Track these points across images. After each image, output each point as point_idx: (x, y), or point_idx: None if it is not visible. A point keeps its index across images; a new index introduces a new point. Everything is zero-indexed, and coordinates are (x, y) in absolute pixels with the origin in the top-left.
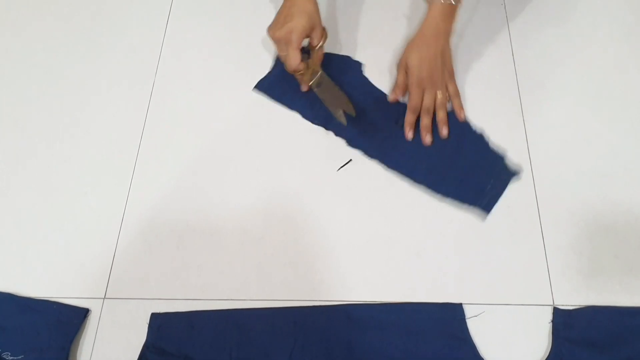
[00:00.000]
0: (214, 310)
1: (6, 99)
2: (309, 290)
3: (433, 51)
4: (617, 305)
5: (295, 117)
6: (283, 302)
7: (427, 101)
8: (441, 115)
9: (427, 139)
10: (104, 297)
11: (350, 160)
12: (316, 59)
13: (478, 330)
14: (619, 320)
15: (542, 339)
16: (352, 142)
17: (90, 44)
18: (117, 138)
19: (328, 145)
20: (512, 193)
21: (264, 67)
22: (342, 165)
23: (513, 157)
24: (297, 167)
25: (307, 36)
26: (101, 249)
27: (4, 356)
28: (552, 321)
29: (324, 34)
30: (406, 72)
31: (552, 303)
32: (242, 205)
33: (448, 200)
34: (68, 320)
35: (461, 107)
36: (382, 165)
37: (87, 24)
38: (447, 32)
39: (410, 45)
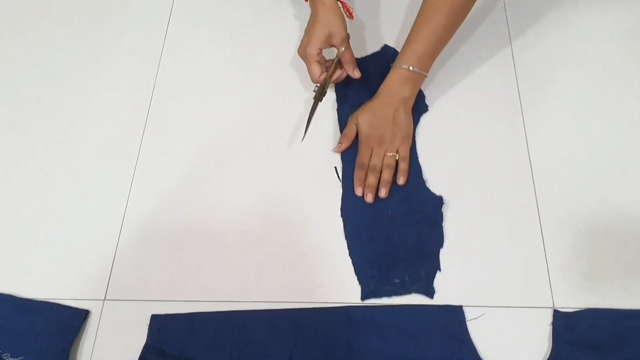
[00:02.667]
0: (214, 311)
1: (6, 101)
2: (309, 292)
3: (385, 114)
4: (617, 307)
5: (293, 119)
6: (283, 304)
7: (374, 160)
8: (385, 176)
9: (368, 197)
10: (104, 299)
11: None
12: (346, 61)
13: (478, 332)
14: (619, 322)
15: (542, 342)
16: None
17: (91, 46)
18: (118, 140)
19: (327, 148)
20: (512, 195)
21: (264, 69)
22: (337, 174)
23: (513, 159)
24: (296, 169)
25: (328, 45)
26: (101, 250)
27: (4, 357)
28: (552, 323)
29: (344, 38)
30: (356, 128)
31: (552, 305)
32: (242, 207)
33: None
34: (68, 322)
35: (404, 173)
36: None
37: (88, 26)
38: (404, 98)
39: (364, 107)
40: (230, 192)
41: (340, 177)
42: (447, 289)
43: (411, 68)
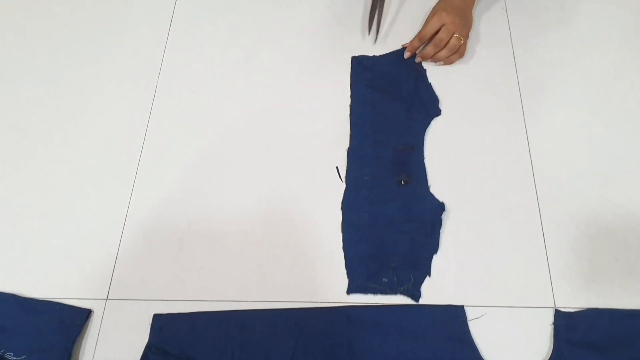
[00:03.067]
0: (215, 311)
1: (8, 101)
2: (310, 292)
3: (464, 9)
4: (618, 307)
5: (295, 120)
6: (284, 304)
7: (442, 34)
8: (442, 54)
9: (417, 59)
10: (107, 298)
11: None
12: None
13: (479, 332)
14: (620, 322)
15: (543, 341)
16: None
17: (93, 46)
18: (120, 140)
19: (328, 148)
20: (513, 196)
21: (266, 70)
22: (338, 174)
23: (514, 159)
24: (297, 169)
25: None
26: (103, 250)
27: (6, 356)
28: (554, 323)
29: None
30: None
31: (553, 305)
32: (243, 208)
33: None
34: (70, 321)
35: (449, 60)
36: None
37: (89, 27)
38: (474, 2)
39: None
40: (231, 193)
41: (343, 176)
42: (448, 289)
43: None
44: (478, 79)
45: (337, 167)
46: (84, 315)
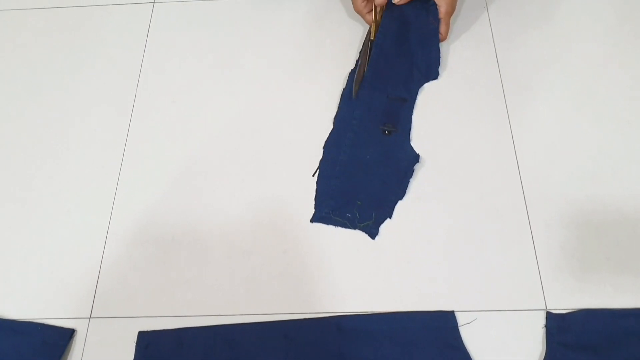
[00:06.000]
0: (203, 326)
1: None
2: (299, 303)
3: None
4: (610, 307)
5: (280, 126)
6: (273, 316)
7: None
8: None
9: None
10: (90, 317)
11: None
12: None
13: (471, 337)
14: (612, 322)
15: (536, 344)
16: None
17: (70, 58)
18: (99, 153)
19: (315, 155)
20: (501, 197)
21: (249, 75)
22: (315, 170)
23: (500, 160)
24: (283, 177)
25: None
26: (86, 267)
27: None
28: (546, 326)
29: None
30: None
31: (544, 307)
32: (229, 218)
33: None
34: (53, 342)
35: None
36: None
37: (66, 38)
38: None
39: None
40: (216, 204)
41: (317, 173)
42: (438, 294)
43: None
44: (460, 80)
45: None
46: (67, 335)
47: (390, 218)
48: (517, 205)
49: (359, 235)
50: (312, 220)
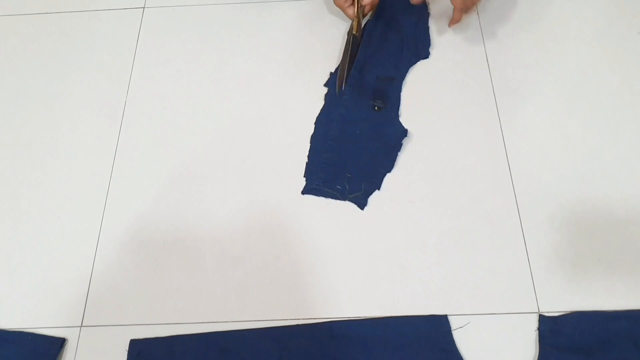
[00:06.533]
0: (194, 334)
1: None
2: (292, 309)
3: None
4: (602, 309)
5: (270, 130)
6: (265, 322)
7: None
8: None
9: None
10: (81, 325)
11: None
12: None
13: (464, 341)
14: (604, 324)
15: (529, 347)
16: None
17: (59, 64)
18: (90, 160)
19: (306, 160)
20: (492, 200)
21: (239, 81)
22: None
23: (492, 163)
24: (274, 183)
25: None
26: (77, 275)
27: None
28: (538, 329)
29: None
30: None
31: (537, 310)
32: (220, 224)
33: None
34: (44, 351)
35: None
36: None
37: (55, 44)
38: None
39: None
40: (207, 210)
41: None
42: (431, 298)
43: None
44: (452, 83)
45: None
46: (58, 344)
47: (379, 190)
48: (508, 208)
49: (351, 240)
50: (303, 192)
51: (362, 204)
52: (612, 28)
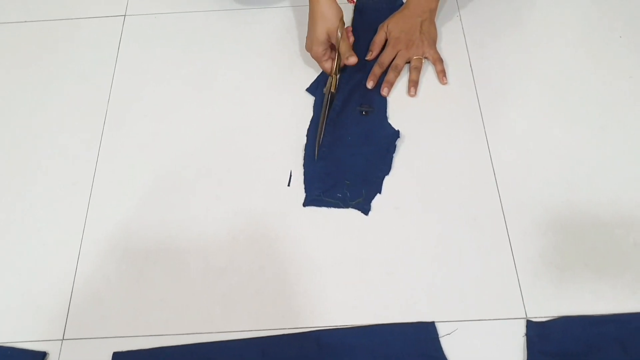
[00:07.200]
0: (179, 345)
1: None
2: (278, 318)
3: (413, 23)
4: (589, 313)
5: (254, 138)
6: (251, 333)
7: (398, 60)
8: (413, 77)
9: (384, 91)
10: (63, 338)
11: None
12: (342, 53)
13: (452, 348)
14: (592, 329)
15: (516, 353)
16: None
17: (38, 72)
18: (70, 170)
19: (290, 168)
20: (478, 206)
21: (220, 89)
22: (289, 179)
23: (476, 169)
24: (259, 192)
25: (329, 44)
26: (58, 287)
27: None
28: (526, 334)
29: (341, 30)
30: (386, 35)
31: (524, 316)
32: (204, 234)
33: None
34: None
35: (443, 73)
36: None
37: (35, 53)
38: (430, 9)
39: (393, 16)
40: (191, 219)
41: (290, 180)
42: (419, 305)
43: None
44: (435, 89)
45: (290, 171)
46: (39, 358)
47: (380, 193)
48: (494, 214)
49: (337, 248)
50: (304, 204)
51: (365, 210)
52: (595, 32)
